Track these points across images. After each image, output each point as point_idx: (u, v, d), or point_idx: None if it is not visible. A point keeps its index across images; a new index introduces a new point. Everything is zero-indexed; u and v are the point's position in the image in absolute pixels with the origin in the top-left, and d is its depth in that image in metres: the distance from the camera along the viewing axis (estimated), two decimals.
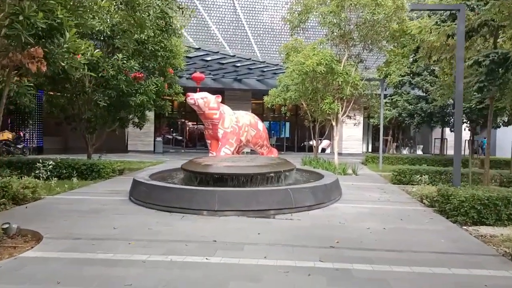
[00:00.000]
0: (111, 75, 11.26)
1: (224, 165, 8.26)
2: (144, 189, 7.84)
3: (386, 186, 11.71)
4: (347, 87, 14.71)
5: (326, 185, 8.33)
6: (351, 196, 9.55)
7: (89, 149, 13.51)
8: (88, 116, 12.08)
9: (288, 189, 7.43)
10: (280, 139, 31.48)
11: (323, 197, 8.05)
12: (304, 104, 18.60)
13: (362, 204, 8.52)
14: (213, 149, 12.87)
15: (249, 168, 8.17)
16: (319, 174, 10.58)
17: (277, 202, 7.20)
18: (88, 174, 11.65)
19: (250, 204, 7.03)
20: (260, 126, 13.95)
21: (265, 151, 14.48)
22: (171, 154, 26.64)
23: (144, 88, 11.98)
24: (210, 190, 7.12)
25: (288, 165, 9.20)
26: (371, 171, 16.31)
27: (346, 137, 26.89)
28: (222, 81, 26.43)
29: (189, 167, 8.58)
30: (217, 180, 8.07)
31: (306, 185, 7.93)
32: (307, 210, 7.54)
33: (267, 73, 24.43)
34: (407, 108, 20.66)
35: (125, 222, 6.36)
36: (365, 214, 7.46)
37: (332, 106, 14.45)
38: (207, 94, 12.43)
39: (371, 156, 20.01)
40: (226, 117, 12.52)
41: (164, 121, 31.20)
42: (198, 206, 6.98)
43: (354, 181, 12.62)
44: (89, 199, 8.44)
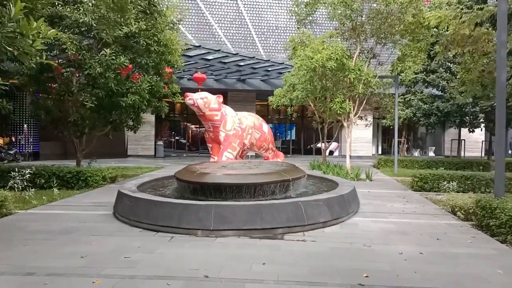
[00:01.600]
0: (99, 73, 10.07)
1: (223, 173, 7.03)
2: (128, 203, 6.63)
3: (407, 193, 10.44)
4: (359, 85, 13.45)
5: (344, 196, 7.08)
6: (370, 207, 8.29)
7: (78, 154, 12.34)
8: (75, 118, 10.88)
9: (300, 203, 6.19)
10: (286, 141, 30.27)
11: (340, 210, 6.80)
12: (311, 105, 17.38)
13: (386, 218, 7.26)
14: (215, 154, 11.80)
15: (252, 177, 6.93)
16: (332, 181, 9.34)
17: (286, 219, 5.97)
18: (74, 183, 10.47)
19: (253, 221, 5.80)
20: (265, 128, 12.83)
21: (270, 155, 13.36)
22: (172, 158, 25.47)
23: (136, 87, 10.78)
24: (204, 205, 5.88)
25: (297, 172, 7.96)
26: (385, 175, 15.02)
27: (355, 139, 25.56)
28: (225, 82, 25.23)
29: (182, 175, 7.36)
30: (214, 192, 6.84)
31: (320, 197, 6.68)
32: (322, 227, 6.29)
33: (272, 73, 23.23)
34: (422, 108, 19.35)
35: (98, 248, 5.14)
36: (393, 232, 6.20)
37: (343, 106, 13.19)
38: (207, 94, 11.33)
39: (384, 159, 18.71)
40: (228, 119, 11.42)
41: (166, 124, 30.03)
42: (190, 224, 5.76)
43: (369, 187, 11.35)
44: (66, 215, 7.24)
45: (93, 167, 11.58)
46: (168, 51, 11.80)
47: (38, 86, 11.51)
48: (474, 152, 26.08)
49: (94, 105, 10.69)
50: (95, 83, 10.45)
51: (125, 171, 15.71)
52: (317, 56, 12.05)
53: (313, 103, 17.19)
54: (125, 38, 10.60)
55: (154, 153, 26.11)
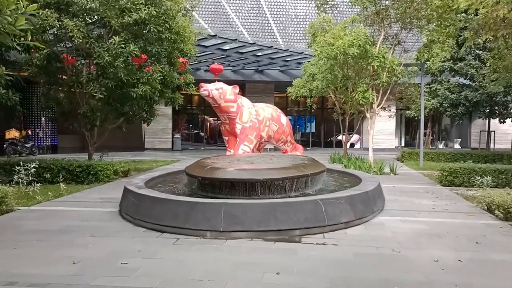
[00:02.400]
0: (107, 62, 9.60)
1: (235, 168, 6.45)
2: (132, 200, 6.12)
3: (436, 189, 9.69)
4: (383, 73, 12.67)
5: (368, 192, 6.43)
6: (396, 204, 7.61)
7: (89, 148, 11.94)
8: (84, 110, 10.45)
9: (319, 201, 5.57)
10: (306, 134, 29.55)
11: (364, 209, 6.16)
12: (332, 95, 16.64)
13: (415, 217, 6.59)
14: (231, 147, 11.32)
15: (267, 172, 6.33)
16: (354, 176, 8.68)
17: (304, 219, 5.36)
18: (84, 177, 10.06)
19: (267, 221, 5.21)
20: (283, 120, 12.24)
21: (289, 148, 12.77)
22: (190, 151, 25.09)
23: (147, 77, 10.27)
24: (212, 203, 5.31)
25: (317, 166, 7.33)
26: (410, 169, 14.24)
27: (377, 131, 24.52)
28: (243, 73, 24.62)
29: (191, 170, 6.81)
30: (225, 188, 6.28)
31: (341, 194, 6.04)
32: (344, 228, 5.67)
33: (291, 63, 22.51)
34: (449, 97, 18.37)
35: (94, 251, 4.63)
36: (424, 234, 5.53)
37: (366, 96, 12.44)
38: (222, 85, 10.81)
39: (408, 152, 17.87)
40: (245, 110, 10.88)
41: (183, 116, 29.65)
42: (197, 225, 5.21)
43: (394, 182, 10.64)
44: (69, 212, 6.79)
45: (104, 160, 11.17)
46: (180, 39, 11.25)
47: (48, 77, 11.13)
48: (502, 144, 24.89)
49: (105, 97, 10.26)
50: (104, 73, 9.98)
51: (140, 165, 15.33)
52: (339, 42, 11.33)
53: (333, 94, 16.45)
54: (135, 26, 10.08)
55: (171, 146, 25.77)
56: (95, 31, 10.72)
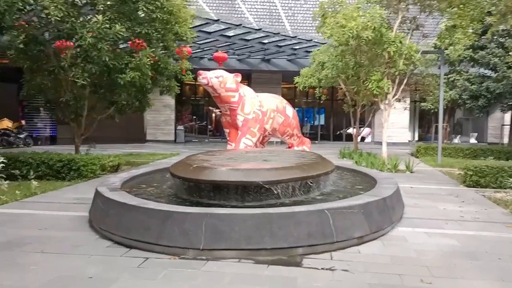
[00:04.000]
0: (90, 44, 8.54)
1: (226, 168, 5.36)
2: (100, 206, 5.08)
3: (460, 191, 8.54)
4: (400, 60, 11.48)
5: (386, 199, 5.31)
6: (417, 210, 6.49)
7: (76, 140, 10.93)
8: (67, 98, 9.43)
9: (326, 211, 4.47)
10: (314, 127, 28.38)
11: (382, 220, 5.05)
12: (342, 85, 15.45)
13: (441, 228, 5.46)
14: (232, 140, 10.30)
15: (263, 173, 5.23)
16: (367, 176, 7.56)
17: (307, 234, 4.27)
18: (66, 173, 9.07)
19: (260, 237, 4.13)
20: (290, 112, 11.17)
21: (295, 142, 11.70)
22: (193, 144, 24.09)
23: (136, 62, 9.20)
24: (192, 214, 4.24)
25: (324, 165, 6.21)
26: (428, 166, 13.07)
27: (389, 124, 23.33)
28: (248, 62, 23.45)
29: (176, 169, 5.74)
30: (213, 192, 5.21)
31: (354, 201, 4.92)
32: (357, 245, 4.57)
33: (299, 51, 21.30)
34: (469, 89, 17.08)
35: (33, 277, 3.58)
36: (457, 254, 4.41)
37: (381, 85, 11.26)
38: (223, 72, 9.78)
39: (424, 147, 16.66)
40: (247, 101, 9.83)
41: (187, 107, 28.63)
42: (172, 240, 4.14)
43: (411, 182, 9.50)
44: (32, 217, 5.77)
45: (90, 154, 10.18)
46: (175, 21, 10.13)
47: (31, 62, 10.11)
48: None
49: (90, 84, 9.24)
50: (87, 56, 8.93)
51: (135, 158, 14.33)
52: (351, 24, 10.14)
53: (344, 84, 15.26)
54: (122, 3, 8.99)
55: (174, 138, 24.78)
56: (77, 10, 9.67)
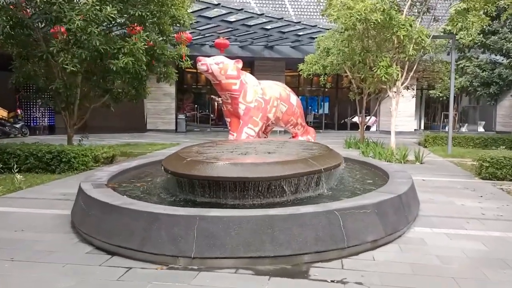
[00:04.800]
0: (79, 27, 7.95)
1: (224, 162, 4.79)
2: (81, 206, 4.55)
3: (475, 184, 7.97)
4: (410, 45, 10.84)
5: (401, 196, 4.75)
6: (433, 207, 5.93)
7: (68, 130, 10.40)
8: (57, 86, 8.86)
9: (336, 212, 3.92)
10: (319, 115, 27.76)
11: (397, 220, 4.49)
12: (348, 72, 14.80)
13: (463, 228, 4.90)
14: (233, 129, 9.80)
15: (264, 168, 4.67)
16: (376, 168, 7.00)
17: (314, 239, 3.73)
18: (56, 165, 8.55)
19: (260, 243, 3.59)
20: (294, 100, 10.61)
21: (299, 131, 11.16)
22: (195, 133, 23.57)
23: (129, 47, 8.61)
24: (181, 216, 3.69)
25: (332, 157, 5.64)
26: (437, 156, 12.48)
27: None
28: (251, 49, 22.77)
29: (168, 163, 5.19)
30: (208, 189, 4.66)
31: (367, 200, 4.36)
32: (371, 249, 4.02)
33: (303, 38, 20.61)
34: (480, 75, 16.40)
35: None
36: (485, 261, 3.85)
37: (390, 71, 10.63)
38: (223, 59, 9.24)
39: (432, 136, 16.04)
40: (249, 89, 9.30)
41: (189, 96, 28.02)
42: (157, 247, 3.60)
43: (423, 174, 8.93)
44: (10, 215, 5.25)
45: (83, 145, 9.65)
46: (171, 2, 9.51)
47: (19, 47, 9.54)
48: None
49: (82, 70, 8.68)
50: (77, 41, 8.35)
51: (133, 149, 13.81)
52: (359, 6, 9.49)
53: (350, 71, 14.62)
54: None
55: (175, 128, 24.24)
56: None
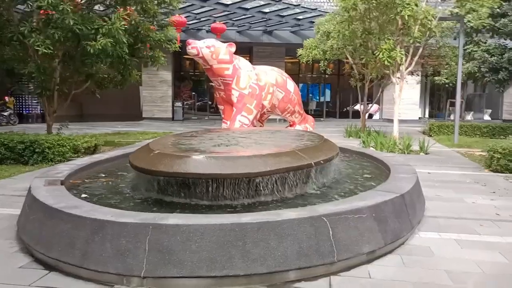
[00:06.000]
0: (50, 4, 7.20)
1: (195, 156, 4.06)
2: (25, 208, 3.86)
3: (486, 177, 7.25)
4: (415, 27, 10.04)
5: (404, 196, 4.03)
6: (441, 206, 5.22)
7: (47, 118, 9.71)
8: (30, 70, 8.14)
9: (323, 218, 3.21)
10: (320, 103, 26.96)
11: (399, 225, 3.78)
12: (349, 58, 14.00)
13: (475, 233, 4.19)
14: (227, 118, 9.24)
15: (243, 162, 3.94)
16: (377, 160, 6.28)
17: (296, 252, 3.02)
18: (29, 156, 7.88)
19: (228, 259, 2.89)
20: (291, 87, 9.94)
21: (297, 120, 10.50)
22: (192, 121, 22.92)
23: (107, 27, 7.85)
24: (130, 225, 2.98)
25: (325, 149, 4.93)
26: (443, 146, 11.75)
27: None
28: (249, 34, 21.94)
29: (135, 158, 4.47)
30: (176, 189, 3.96)
31: (363, 202, 3.63)
32: (367, 263, 3.32)
33: (303, 22, 19.76)
34: (489, 60, 15.55)
35: None
36: (506, 278, 3.16)
37: (393, 55, 9.85)
38: (214, 42, 8.59)
39: (438, 125, 15.28)
40: (243, 74, 8.64)
41: (186, 83, 27.22)
42: (100, 263, 2.91)
43: (428, 166, 8.22)
44: None
45: (61, 134, 8.97)
46: None
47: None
48: None
49: (56, 53, 7.95)
50: (49, 20, 7.60)
51: (122, 138, 13.16)
52: None
53: (351, 56, 13.83)
54: None
55: (172, 116, 23.55)
56: None
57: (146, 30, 9.18)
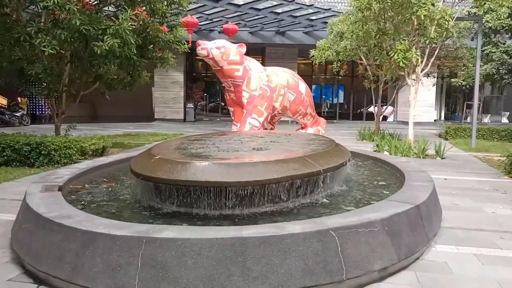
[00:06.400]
0: (56, 4, 7.07)
1: (195, 162, 3.84)
2: (18, 217, 3.68)
3: (506, 184, 6.89)
4: (431, 27, 9.71)
5: (420, 207, 3.77)
6: (459, 216, 4.92)
7: (55, 120, 9.61)
8: (37, 71, 8.03)
9: (331, 232, 2.97)
10: (333, 105, 26.64)
11: (414, 239, 3.51)
12: (363, 59, 13.70)
13: (498, 248, 3.89)
14: (237, 120, 9.15)
15: (247, 169, 3.72)
16: (390, 165, 6.01)
17: (301, 270, 2.78)
18: (35, 158, 7.77)
19: (227, 277, 2.66)
20: (302, 88, 9.76)
21: (309, 122, 10.30)
22: (203, 123, 22.80)
23: (114, 27, 7.70)
24: (122, 239, 2.77)
25: (335, 155, 4.67)
26: (460, 150, 11.38)
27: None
28: (261, 35, 21.73)
29: (135, 163, 4.28)
30: (176, 197, 3.75)
31: (375, 214, 3.37)
32: (378, 281, 3.06)
33: (316, 22, 19.49)
34: (508, 62, 15.09)
35: None
36: None
37: (408, 56, 9.53)
38: (225, 43, 8.47)
39: (454, 128, 14.88)
40: (253, 75, 8.47)
41: (198, 84, 27.12)
42: (92, 280, 2.70)
43: (444, 171, 7.91)
44: None
45: (69, 136, 8.86)
46: None
47: (1, 30, 8.72)
48: None
49: (64, 54, 7.83)
50: (55, 20, 7.48)
51: (132, 139, 13.07)
52: None
53: (365, 57, 13.52)
54: None
55: (183, 117, 23.46)
56: None
57: (155, 31, 9.02)
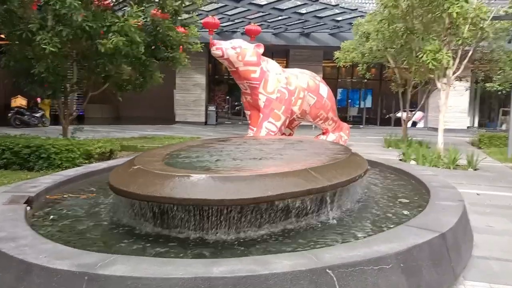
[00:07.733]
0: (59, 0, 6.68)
1: (177, 173, 3.26)
2: None
3: None
4: (464, 26, 8.89)
5: (445, 235, 3.07)
6: (493, 241, 4.17)
7: (62, 121, 9.27)
8: (40, 70, 7.68)
9: (329, 272, 2.33)
10: (360, 109, 25.73)
11: (438, 276, 2.82)
12: (391, 61, 12.90)
13: None
14: (253, 124, 8.82)
15: (238, 185, 3.11)
16: (414, 178, 5.29)
17: None
18: (34, 162, 7.40)
19: None
20: (324, 92, 9.27)
21: (330, 127, 9.81)
22: (224, 126, 22.34)
23: (119, 24, 7.26)
24: (60, 273, 2.20)
25: (350, 166, 4.03)
26: (495, 160, 10.46)
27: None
28: (285, 37, 21.09)
29: (112, 175, 3.74)
30: (159, 217, 3.19)
31: (388, 246, 2.71)
32: None
33: (342, 23, 18.75)
34: None
35: None
36: None
37: (438, 57, 8.73)
38: (241, 42, 8.11)
39: (488, 136, 13.89)
40: (271, 77, 8.11)
41: (221, 87, 26.69)
42: None
43: (477, 185, 7.09)
44: None
45: (75, 138, 8.49)
46: None
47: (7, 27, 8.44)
48: None
49: (68, 52, 7.46)
50: (56, 16, 7.09)
51: (146, 142, 12.63)
52: None
53: (393, 59, 12.72)
54: None
55: (205, 120, 23.05)
56: None
57: (166, 30, 8.56)
